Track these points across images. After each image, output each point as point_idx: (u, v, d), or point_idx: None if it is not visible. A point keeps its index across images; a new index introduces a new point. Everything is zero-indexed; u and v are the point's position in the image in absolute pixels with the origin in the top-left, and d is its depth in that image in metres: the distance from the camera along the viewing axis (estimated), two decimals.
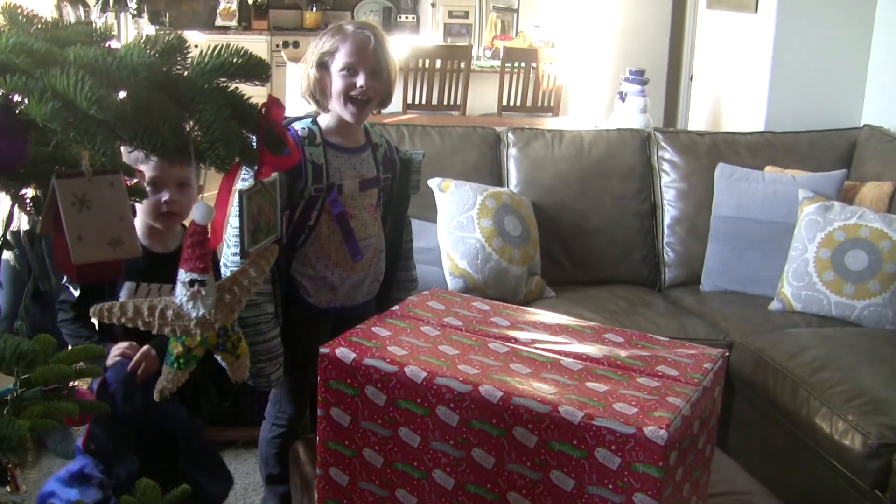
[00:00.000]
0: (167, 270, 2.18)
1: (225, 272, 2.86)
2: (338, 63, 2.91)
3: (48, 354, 1.77)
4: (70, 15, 7.29)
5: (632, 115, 5.73)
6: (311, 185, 2.92)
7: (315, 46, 2.98)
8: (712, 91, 5.43)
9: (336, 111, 2.97)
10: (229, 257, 2.86)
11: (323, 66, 2.94)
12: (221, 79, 1.68)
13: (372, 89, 2.92)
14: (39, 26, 1.67)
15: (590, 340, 2.45)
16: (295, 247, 2.97)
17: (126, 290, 2.04)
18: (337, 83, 2.92)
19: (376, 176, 3.06)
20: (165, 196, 3.04)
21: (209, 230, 1.79)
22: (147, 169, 2.97)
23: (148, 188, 2.97)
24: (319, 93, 2.97)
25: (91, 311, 1.80)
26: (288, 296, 3.01)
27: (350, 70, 2.90)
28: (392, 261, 3.20)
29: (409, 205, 3.21)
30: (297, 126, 3.00)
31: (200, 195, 3.11)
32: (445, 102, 7.53)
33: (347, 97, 2.92)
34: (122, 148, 1.66)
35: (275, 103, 1.82)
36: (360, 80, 2.90)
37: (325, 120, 3.02)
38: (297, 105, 7.71)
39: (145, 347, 2.98)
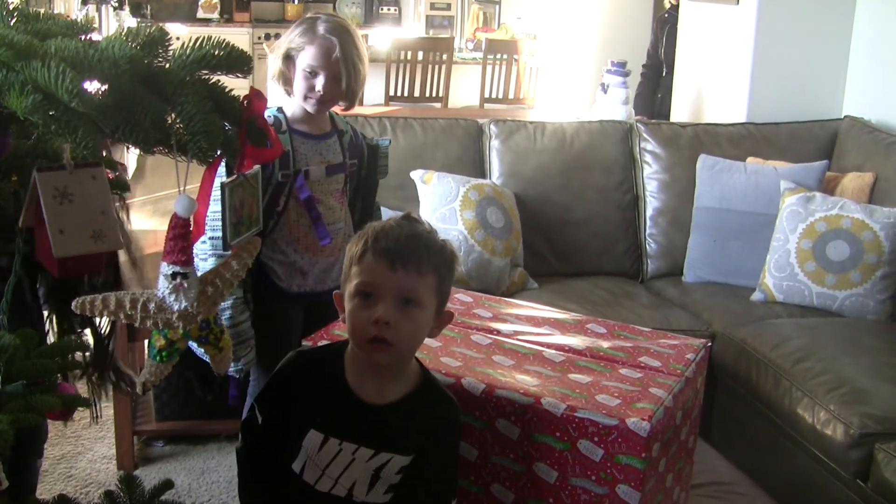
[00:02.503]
0: (384, 426, 1.98)
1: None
2: (302, 61, 2.95)
3: (30, 348, 1.76)
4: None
5: (614, 106, 5.73)
6: (278, 172, 2.95)
7: (287, 36, 3.01)
8: (694, 83, 5.44)
9: (298, 102, 3.00)
10: (198, 246, 2.86)
11: (289, 58, 2.98)
12: (203, 71, 1.68)
13: (330, 93, 2.96)
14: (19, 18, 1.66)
15: (572, 332, 2.45)
16: (265, 232, 2.98)
17: None
18: (298, 81, 2.97)
19: (342, 162, 3.09)
20: (379, 312, 1.89)
21: (192, 223, 1.79)
22: (362, 273, 1.91)
23: (359, 298, 1.91)
24: (284, 82, 3.02)
25: (73, 304, 1.79)
26: (260, 281, 3.02)
27: (312, 72, 2.93)
28: None
29: (377, 190, 3.25)
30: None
31: (182, 188, 3.07)
32: (427, 94, 7.52)
33: (306, 95, 2.97)
34: None
35: (257, 96, 1.82)
36: (320, 84, 2.93)
37: (290, 108, 3.05)
38: (279, 98, 7.69)
39: None
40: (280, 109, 3.05)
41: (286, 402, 2.00)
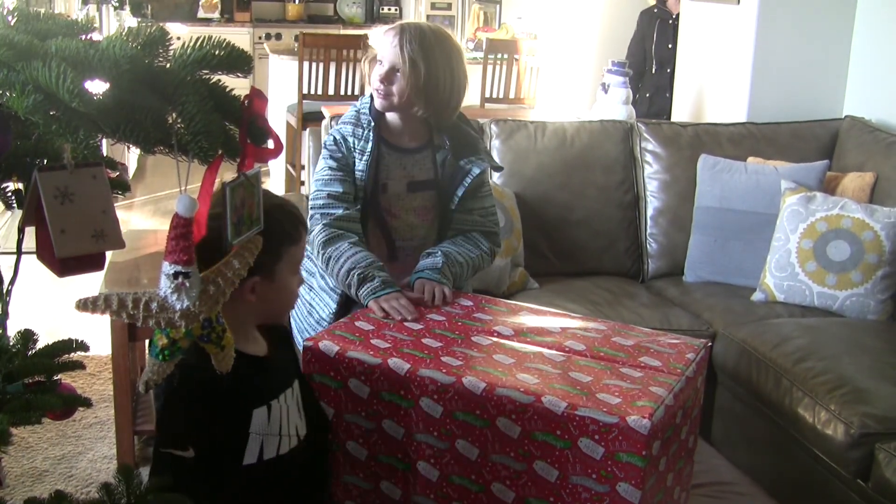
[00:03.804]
0: (280, 364, 2.21)
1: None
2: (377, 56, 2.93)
3: (29, 348, 1.76)
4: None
5: (615, 106, 5.73)
6: (362, 179, 2.94)
7: None
8: (695, 82, 5.44)
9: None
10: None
11: (373, 60, 2.95)
12: (204, 71, 1.68)
13: (389, 84, 2.89)
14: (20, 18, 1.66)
15: (573, 331, 2.46)
16: None
17: None
18: (371, 75, 2.94)
19: (432, 178, 3.03)
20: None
21: (193, 222, 1.79)
22: (301, 250, 2.23)
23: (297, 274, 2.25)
24: (369, 82, 2.98)
25: (75, 304, 1.79)
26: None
27: (379, 62, 2.90)
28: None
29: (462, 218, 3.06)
30: (363, 118, 3.00)
31: (183, 188, 3.06)
32: None
33: (374, 87, 2.92)
34: None
35: (257, 95, 1.82)
36: (379, 71, 2.88)
37: (384, 117, 3.00)
38: (278, 98, 7.69)
39: None
40: (375, 116, 2.99)
41: (218, 415, 2.05)
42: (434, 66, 2.87)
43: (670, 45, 6.42)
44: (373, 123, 2.95)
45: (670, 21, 6.57)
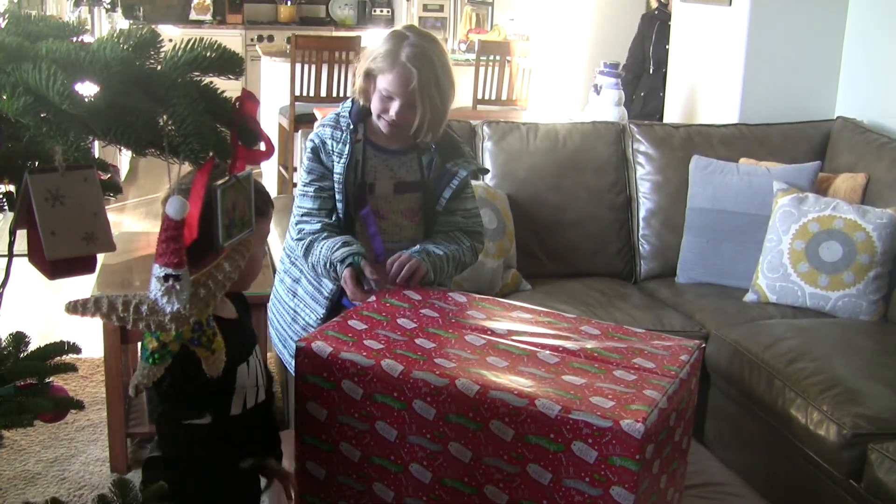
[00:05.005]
0: (248, 325, 2.40)
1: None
2: (380, 83, 2.89)
3: (21, 350, 1.76)
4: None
5: (607, 107, 5.73)
6: (342, 179, 2.94)
7: (370, 53, 2.94)
8: (687, 83, 5.45)
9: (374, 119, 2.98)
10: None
11: (369, 77, 2.93)
12: (195, 73, 1.67)
13: (403, 119, 2.89)
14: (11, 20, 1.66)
15: (566, 333, 2.45)
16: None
17: None
18: (375, 101, 2.92)
19: (418, 180, 3.04)
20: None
21: (184, 225, 1.78)
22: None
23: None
24: (364, 99, 2.96)
25: (66, 306, 1.79)
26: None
27: (388, 96, 2.88)
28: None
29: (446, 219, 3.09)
30: (343, 120, 3.01)
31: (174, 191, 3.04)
32: None
33: (380, 115, 2.92)
34: None
35: (249, 97, 1.81)
36: (393, 110, 2.87)
37: (370, 119, 3.00)
38: (270, 100, 7.68)
39: None
40: (361, 118, 3.01)
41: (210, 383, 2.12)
42: (445, 95, 2.91)
43: (667, 46, 6.44)
44: (352, 127, 2.97)
45: (669, 23, 6.59)
